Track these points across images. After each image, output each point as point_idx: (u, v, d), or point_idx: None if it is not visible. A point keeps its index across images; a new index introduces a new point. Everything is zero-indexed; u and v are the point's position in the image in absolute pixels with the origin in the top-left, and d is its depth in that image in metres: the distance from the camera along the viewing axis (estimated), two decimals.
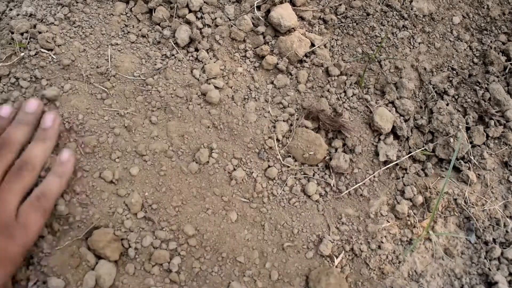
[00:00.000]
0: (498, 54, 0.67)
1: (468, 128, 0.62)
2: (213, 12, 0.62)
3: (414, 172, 0.59)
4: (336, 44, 0.64)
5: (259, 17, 0.62)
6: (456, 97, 0.64)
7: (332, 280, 0.49)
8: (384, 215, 0.56)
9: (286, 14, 0.61)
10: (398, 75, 0.64)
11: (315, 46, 0.62)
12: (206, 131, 0.56)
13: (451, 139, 0.59)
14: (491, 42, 0.68)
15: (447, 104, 0.63)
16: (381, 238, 0.54)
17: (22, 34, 0.57)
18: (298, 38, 0.61)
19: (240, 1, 0.64)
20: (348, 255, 0.53)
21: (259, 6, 0.63)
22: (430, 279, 0.53)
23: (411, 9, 0.67)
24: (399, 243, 0.55)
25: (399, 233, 0.55)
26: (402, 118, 0.61)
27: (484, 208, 0.58)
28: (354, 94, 0.61)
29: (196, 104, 0.57)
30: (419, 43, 0.66)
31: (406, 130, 0.60)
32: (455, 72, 0.66)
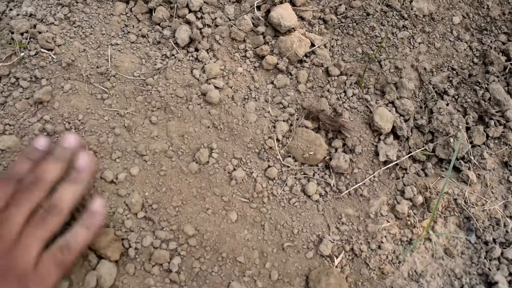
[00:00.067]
0: (498, 54, 0.67)
1: (468, 128, 0.62)
2: (213, 12, 0.62)
3: (414, 172, 0.59)
4: (336, 44, 0.64)
5: (259, 17, 0.62)
6: (456, 97, 0.64)
7: (332, 280, 0.49)
8: (384, 215, 0.56)
9: (286, 14, 0.61)
10: (398, 75, 0.64)
11: (315, 46, 0.62)
12: (206, 131, 0.56)
13: (451, 139, 0.59)
14: (491, 42, 0.68)
15: (447, 104, 0.63)
16: (381, 238, 0.54)
17: (22, 34, 0.57)
18: (298, 38, 0.61)
19: (240, 1, 0.64)
20: (348, 255, 0.53)
21: (259, 6, 0.63)
22: (430, 279, 0.53)
23: (411, 9, 0.67)
24: (399, 243, 0.55)
25: (399, 233, 0.55)
26: (402, 118, 0.61)
27: (484, 208, 0.58)
28: (354, 94, 0.61)
29: (196, 104, 0.57)
30: (419, 43, 0.66)
31: (406, 130, 0.60)
32: (455, 72, 0.66)
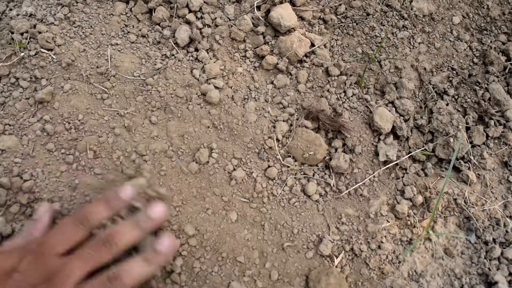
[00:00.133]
0: (498, 54, 0.67)
1: (468, 128, 0.62)
2: (213, 12, 0.62)
3: (414, 172, 0.59)
4: (336, 44, 0.64)
5: (259, 17, 0.62)
6: (456, 97, 0.64)
7: (332, 280, 0.49)
8: (384, 215, 0.56)
9: (286, 14, 0.61)
10: (398, 75, 0.64)
11: (315, 46, 0.62)
12: (206, 131, 0.56)
13: (451, 139, 0.59)
14: (491, 42, 0.68)
15: (447, 104, 0.63)
16: (381, 238, 0.54)
17: (22, 34, 0.57)
18: (298, 38, 0.61)
19: (240, 1, 0.64)
20: (348, 255, 0.53)
21: (259, 6, 0.63)
22: (430, 279, 0.53)
23: (411, 9, 0.67)
24: (399, 243, 0.55)
25: (399, 233, 0.55)
26: (402, 118, 0.61)
27: (484, 208, 0.58)
28: (354, 94, 0.61)
29: (196, 104, 0.57)
30: (419, 43, 0.66)
31: (406, 130, 0.60)
32: (455, 72, 0.66)
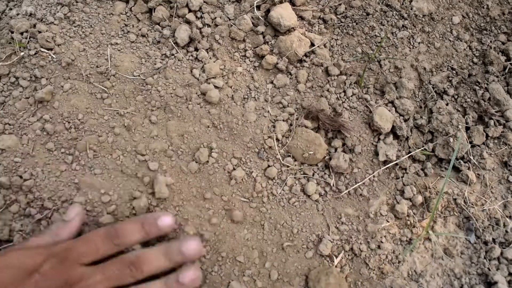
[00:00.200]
0: (498, 54, 0.67)
1: (467, 128, 0.62)
2: (212, 12, 0.62)
3: (413, 172, 0.59)
4: (336, 44, 0.64)
5: (259, 16, 0.62)
6: (456, 97, 0.64)
7: (331, 279, 0.49)
8: (384, 215, 0.56)
9: (286, 14, 0.61)
10: (397, 75, 0.64)
11: (314, 46, 0.62)
12: (206, 131, 0.56)
13: (451, 139, 0.59)
14: (490, 42, 0.68)
15: (447, 104, 0.63)
16: (380, 238, 0.54)
17: (22, 33, 0.57)
18: (297, 37, 0.61)
19: (240, 0, 0.64)
20: (347, 254, 0.53)
21: (258, 6, 0.63)
22: (430, 279, 0.53)
23: (411, 9, 0.67)
24: (399, 243, 0.55)
25: (399, 233, 0.55)
26: (401, 118, 0.61)
27: (483, 208, 0.58)
28: (353, 93, 0.61)
29: (196, 103, 0.57)
30: (419, 43, 0.66)
31: (406, 130, 0.60)
32: (454, 72, 0.66)
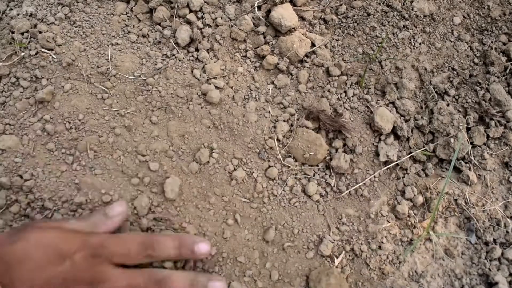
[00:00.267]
0: (499, 54, 0.67)
1: (468, 129, 0.62)
2: (213, 12, 0.62)
3: (414, 173, 0.59)
4: (337, 44, 0.64)
5: (260, 17, 0.62)
6: (457, 97, 0.64)
7: (332, 280, 0.49)
8: (385, 215, 0.56)
9: (286, 14, 0.61)
10: (398, 75, 0.64)
11: (315, 46, 0.62)
12: (207, 131, 0.56)
13: (452, 140, 0.59)
14: (491, 42, 0.68)
15: (448, 105, 0.63)
16: (381, 238, 0.54)
17: (22, 33, 0.57)
18: (298, 38, 0.60)
19: (241, 1, 0.64)
20: (348, 255, 0.53)
21: (259, 6, 0.63)
22: (431, 279, 0.53)
23: (412, 9, 0.67)
24: (400, 244, 0.55)
25: (400, 233, 0.55)
26: (402, 119, 0.61)
27: (484, 209, 0.58)
28: (354, 94, 0.61)
29: (197, 104, 0.57)
30: (420, 43, 0.66)
31: (407, 130, 0.60)
32: (455, 72, 0.66)
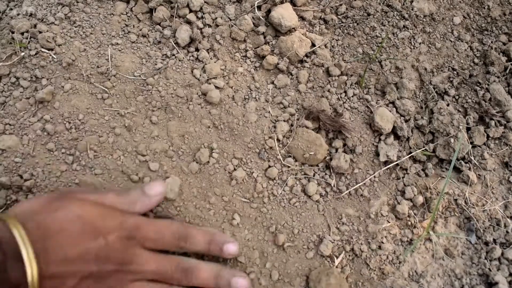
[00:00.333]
0: (499, 54, 0.67)
1: (468, 129, 0.62)
2: (213, 12, 0.62)
3: (414, 173, 0.59)
4: (337, 44, 0.64)
5: (260, 17, 0.62)
6: (457, 97, 0.64)
7: (332, 280, 0.49)
8: (385, 215, 0.56)
9: (286, 14, 0.61)
10: (398, 75, 0.64)
11: (315, 46, 0.62)
12: (207, 131, 0.56)
13: (452, 140, 0.59)
14: (491, 42, 0.68)
15: (448, 105, 0.63)
16: (381, 238, 0.54)
17: (22, 33, 0.57)
18: (298, 38, 0.60)
19: (241, 1, 0.64)
20: (348, 255, 0.53)
21: (259, 6, 0.63)
22: (431, 279, 0.53)
23: (412, 9, 0.67)
24: (400, 244, 0.55)
25: (400, 233, 0.55)
26: (402, 119, 0.61)
27: (484, 209, 0.58)
28: (354, 94, 0.61)
29: (197, 104, 0.57)
30: (420, 43, 0.66)
31: (407, 130, 0.60)
32: (455, 72, 0.66)
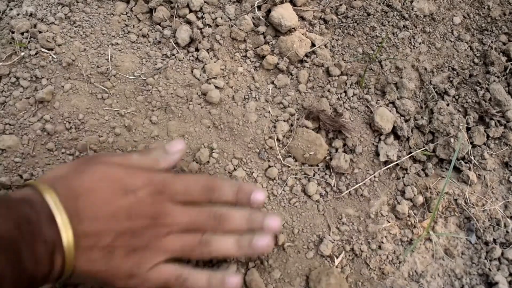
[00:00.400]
0: (499, 54, 0.67)
1: (468, 129, 0.62)
2: (213, 12, 0.62)
3: (414, 172, 0.59)
4: (337, 44, 0.64)
5: (260, 17, 0.62)
6: (457, 97, 0.64)
7: (332, 280, 0.49)
8: (385, 215, 0.56)
9: (286, 14, 0.61)
10: (398, 75, 0.64)
11: (315, 46, 0.62)
12: (207, 131, 0.56)
13: (452, 139, 0.59)
14: (491, 42, 0.68)
15: (448, 104, 0.63)
16: (381, 238, 0.54)
17: (22, 33, 0.57)
18: (298, 38, 0.60)
19: (241, 1, 0.64)
20: (348, 255, 0.53)
21: (259, 6, 0.63)
22: (431, 279, 0.53)
23: (412, 9, 0.67)
24: (400, 243, 0.55)
25: (400, 233, 0.55)
26: (402, 118, 0.61)
27: (484, 209, 0.58)
28: (354, 94, 0.61)
29: (197, 104, 0.57)
30: (420, 43, 0.66)
31: (407, 130, 0.60)
32: (455, 72, 0.66)
